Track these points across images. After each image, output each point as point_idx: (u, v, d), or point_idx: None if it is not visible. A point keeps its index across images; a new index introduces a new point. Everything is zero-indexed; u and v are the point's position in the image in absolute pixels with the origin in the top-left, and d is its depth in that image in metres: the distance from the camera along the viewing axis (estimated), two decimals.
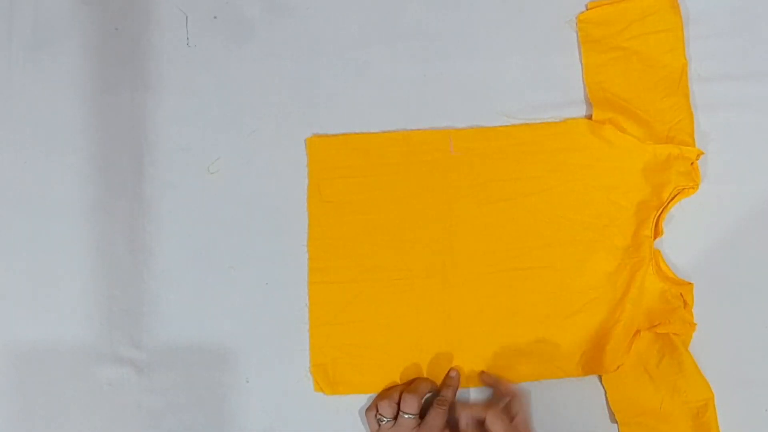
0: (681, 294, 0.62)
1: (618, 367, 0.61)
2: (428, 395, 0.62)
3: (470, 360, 0.63)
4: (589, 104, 0.66)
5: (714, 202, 0.65)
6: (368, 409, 0.61)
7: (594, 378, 0.63)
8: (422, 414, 0.60)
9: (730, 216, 0.65)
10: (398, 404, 0.59)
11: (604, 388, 0.63)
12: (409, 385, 0.62)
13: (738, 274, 0.65)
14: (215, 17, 0.68)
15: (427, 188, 0.65)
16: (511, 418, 0.58)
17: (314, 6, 0.68)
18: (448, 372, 0.63)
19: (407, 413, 0.58)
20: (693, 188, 0.63)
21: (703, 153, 0.63)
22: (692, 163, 0.63)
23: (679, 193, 0.63)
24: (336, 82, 0.67)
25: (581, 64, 0.66)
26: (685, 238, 0.65)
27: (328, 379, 0.63)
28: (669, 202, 0.63)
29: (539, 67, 0.67)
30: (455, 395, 0.62)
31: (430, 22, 0.67)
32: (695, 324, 0.62)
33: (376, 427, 0.60)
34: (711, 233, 0.65)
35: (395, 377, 0.63)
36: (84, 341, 0.65)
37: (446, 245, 0.64)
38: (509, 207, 0.64)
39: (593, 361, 0.62)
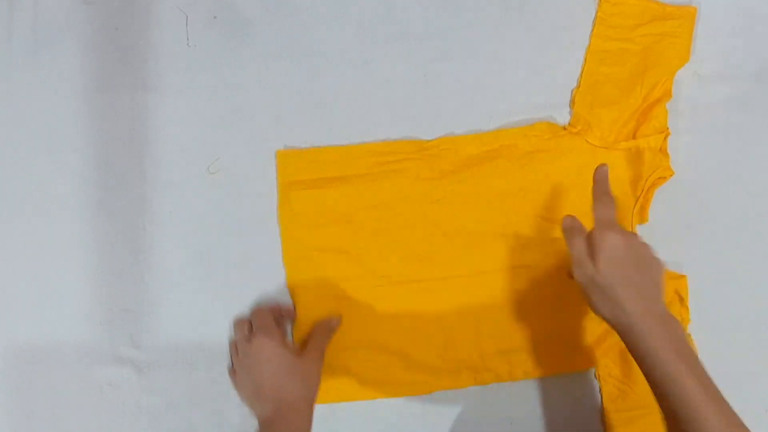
0: (675, 290, 0.63)
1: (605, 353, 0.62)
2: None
3: (461, 361, 0.63)
4: None
5: (714, 202, 0.66)
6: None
7: (589, 373, 0.64)
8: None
9: (731, 216, 0.66)
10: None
11: (598, 382, 0.63)
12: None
13: (735, 272, 0.65)
14: (215, 17, 0.68)
15: (400, 196, 0.65)
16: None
17: (314, 6, 0.68)
18: (330, 320, 0.63)
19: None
20: (667, 173, 0.63)
21: (669, 133, 0.63)
22: (660, 149, 0.63)
23: (655, 182, 0.63)
24: (336, 83, 0.67)
25: (588, 42, 0.66)
26: (684, 238, 0.65)
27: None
28: (646, 192, 0.63)
29: (539, 67, 0.67)
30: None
31: (430, 22, 0.67)
32: (689, 320, 0.63)
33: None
34: (711, 233, 0.65)
35: (385, 384, 0.63)
36: (84, 341, 0.65)
37: (423, 251, 0.64)
38: (483, 210, 0.64)
39: (585, 356, 0.63)
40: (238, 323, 0.62)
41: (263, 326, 0.59)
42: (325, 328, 0.62)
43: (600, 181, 0.58)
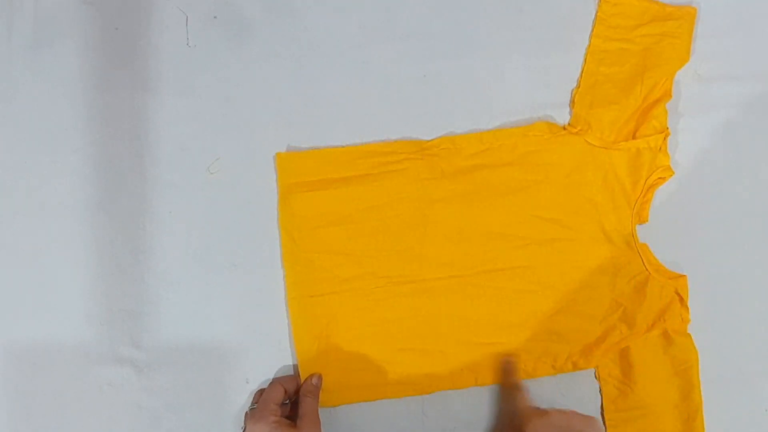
0: (675, 289, 0.63)
1: (605, 352, 0.62)
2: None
3: (462, 361, 0.63)
4: None
5: (714, 202, 0.66)
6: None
7: (589, 373, 0.64)
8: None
9: (731, 216, 0.66)
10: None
11: (598, 382, 0.63)
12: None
13: (735, 272, 0.65)
14: (215, 17, 0.68)
15: (400, 196, 0.64)
16: None
17: (314, 6, 0.68)
18: (310, 379, 0.62)
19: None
20: (667, 173, 0.64)
21: (669, 133, 0.63)
22: (660, 149, 0.63)
23: (655, 182, 0.64)
24: (336, 82, 0.67)
25: (588, 42, 0.66)
26: (684, 238, 0.65)
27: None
28: (646, 193, 0.63)
29: (539, 67, 0.67)
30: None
31: (430, 22, 0.67)
32: (689, 320, 0.63)
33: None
34: (711, 233, 0.66)
35: (385, 384, 0.63)
36: (84, 341, 0.65)
37: (423, 251, 0.64)
38: (482, 209, 0.64)
39: (585, 356, 0.63)
40: (255, 396, 0.62)
41: (260, 405, 0.59)
42: (310, 389, 0.62)
43: (509, 372, 0.62)
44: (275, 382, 0.62)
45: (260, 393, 0.62)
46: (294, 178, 0.65)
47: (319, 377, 0.62)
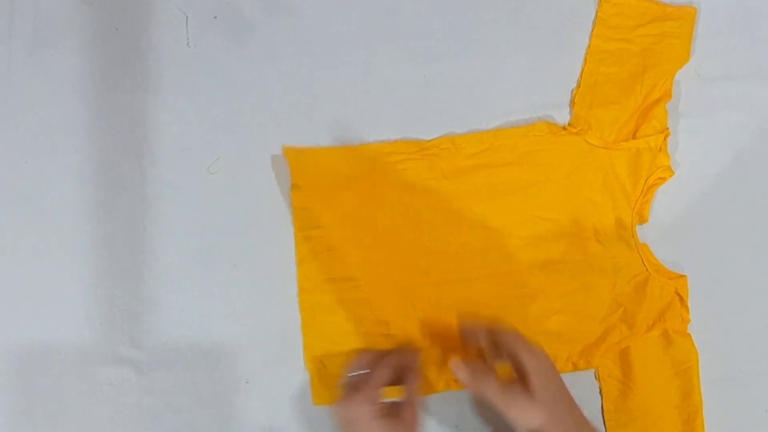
0: (675, 289, 0.63)
1: (605, 352, 0.62)
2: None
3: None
4: None
5: (714, 202, 0.66)
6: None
7: (589, 373, 0.64)
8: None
9: (731, 216, 0.66)
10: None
11: (599, 384, 0.63)
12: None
13: (735, 272, 0.65)
14: (215, 17, 0.68)
15: (401, 196, 0.64)
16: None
17: (314, 6, 0.68)
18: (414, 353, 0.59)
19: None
20: (667, 173, 0.63)
21: (669, 133, 0.63)
22: (660, 149, 0.63)
23: (655, 182, 0.64)
24: (336, 82, 0.67)
25: (588, 42, 0.66)
26: (684, 238, 0.65)
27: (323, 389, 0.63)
28: (646, 193, 0.63)
29: (539, 67, 0.67)
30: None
31: (431, 22, 0.67)
32: (689, 320, 0.63)
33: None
34: (711, 233, 0.66)
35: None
36: (84, 341, 0.65)
37: (424, 251, 0.64)
38: (482, 209, 0.64)
39: (585, 357, 0.63)
40: (355, 364, 0.57)
41: (361, 387, 0.53)
42: (410, 360, 0.56)
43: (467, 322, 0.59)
44: (384, 363, 0.54)
45: (358, 362, 0.57)
46: (304, 172, 0.64)
47: (417, 350, 0.57)
